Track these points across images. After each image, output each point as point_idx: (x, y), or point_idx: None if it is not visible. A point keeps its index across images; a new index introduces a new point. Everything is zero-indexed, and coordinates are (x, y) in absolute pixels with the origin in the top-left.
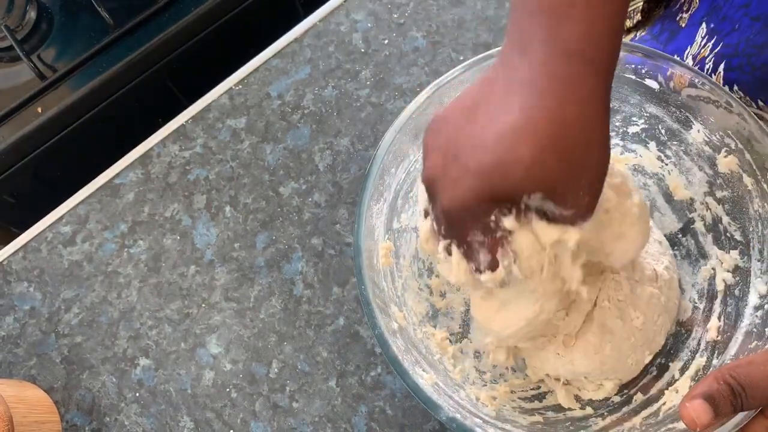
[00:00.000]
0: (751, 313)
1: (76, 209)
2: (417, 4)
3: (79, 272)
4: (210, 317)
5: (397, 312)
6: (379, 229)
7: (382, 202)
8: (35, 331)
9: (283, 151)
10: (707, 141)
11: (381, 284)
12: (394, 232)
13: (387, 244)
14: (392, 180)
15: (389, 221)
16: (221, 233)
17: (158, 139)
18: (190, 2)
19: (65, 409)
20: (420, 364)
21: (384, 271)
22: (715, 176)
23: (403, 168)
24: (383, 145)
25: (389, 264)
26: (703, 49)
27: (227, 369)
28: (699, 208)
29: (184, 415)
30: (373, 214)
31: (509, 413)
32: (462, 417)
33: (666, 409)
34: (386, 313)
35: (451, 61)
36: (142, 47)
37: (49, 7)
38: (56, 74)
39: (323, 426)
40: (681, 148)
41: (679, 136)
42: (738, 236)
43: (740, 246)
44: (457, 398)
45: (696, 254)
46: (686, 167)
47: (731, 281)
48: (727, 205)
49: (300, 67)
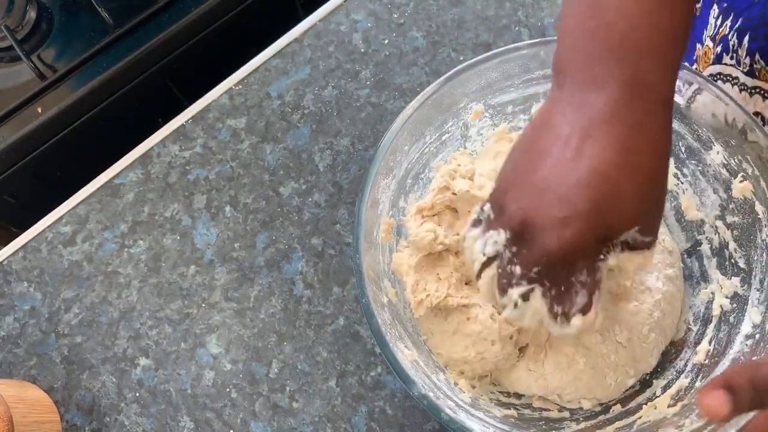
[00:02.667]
0: (741, 341)
1: (76, 209)
2: (417, 4)
3: (79, 272)
4: (210, 317)
5: (390, 287)
6: (384, 204)
7: (391, 177)
8: (35, 331)
9: (283, 151)
10: (725, 164)
11: (377, 257)
12: (399, 210)
13: (390, 220)
14: (404, 158)
15: (395, 198)
16: (221, 233)
17: (158, 139)
18: (190, 2)
19: (65, 409)
20: (403, 341)
21: (383, 245)
22: (729, 201)
23: (417, 148)
24: (399, 120)
25: (389, 240)
26: (721, 28)
27: (227, 369)
28: (708, 231)
29: (184, 415)
30: (380, 188)
31: (485, 403)
32: (435, 396)
33: (641, 423)
34: (378, 285)
35: (451, 61)
36: (142, 47)
37: (49, 7)
38: (56, 74)
39: (323, 426)
40: (698, 168)
41: (699, 156)
42: (742, 263)
43: (742, 273)
44: (435, 379)
45: (698, 276)
46: (701, 188)
47: (728, 307)
48: (736, 231)
49: (300, 67)
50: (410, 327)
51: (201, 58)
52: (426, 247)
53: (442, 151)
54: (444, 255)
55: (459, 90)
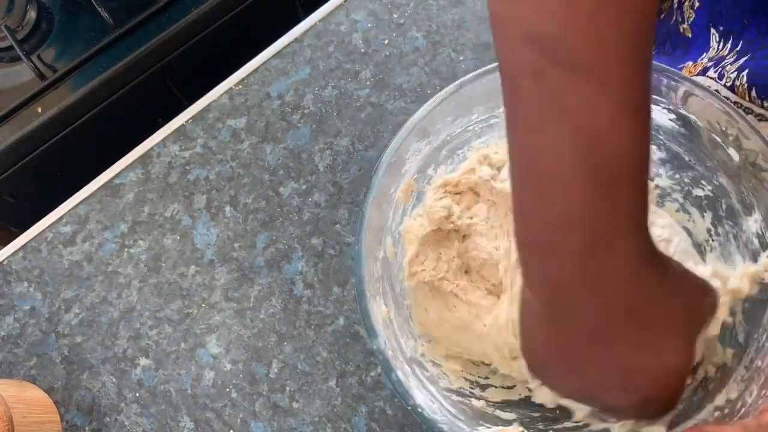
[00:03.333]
0: (710, 410)
1: (76, 209)
2: (417, 4)
3: (79, 272)
4: (210, 317)
5: (390, 245)
6: (410, 165)
7: (425, 142)
8: (35, 331)
9: (283, 151)
10: (759, 235)
11: (387, 212)
12: (425, 177)
13: (412, 182)
14: (445, 128)
15: (425, 164)
16: (221, 233)
17: (158, 139)
18: (190, 2)
19: (65, 409)
20: (384, 298)
21: (397, 204)
22: None
23: (461, 122)
24: (449, 88)
25: (405, 201)
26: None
27: (227, 369)
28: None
29: (184, 415)
30: (410, 149)
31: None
32: (393, 356)
33: None
34: (378, 238)
35: (451, 61)
36: (142, 47)
37: (49, 7)
38: (56, 74)
39: (323, 426)
40: (733, 231)
41: (737, 219)
42: (741, 338)
43: (737, 347)
44: (402, 342)
45: None
46: (729, 251)
47: (712, 375)
48: (747, 304)
49: (300, 67)
50: (398, 288)
51: (201, 58)
52: (437, 221)
53: (486, 134)
54: (452, 236)
55: None
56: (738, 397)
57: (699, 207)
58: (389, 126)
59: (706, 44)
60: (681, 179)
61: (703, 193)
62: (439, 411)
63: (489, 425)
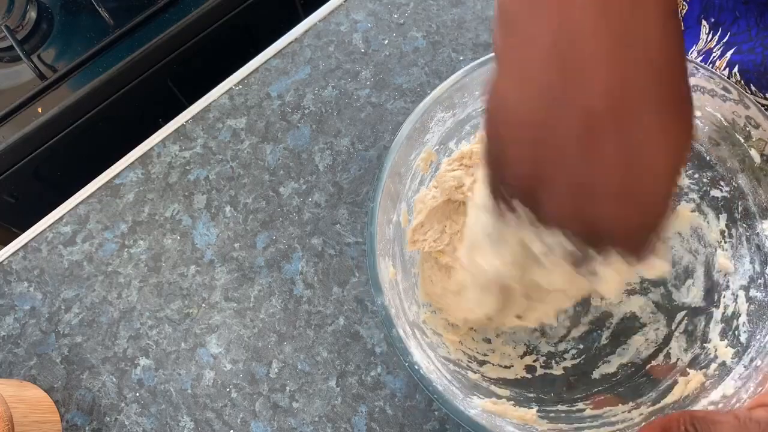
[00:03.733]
0: (705, 405)
1: (76, 209)
2: (417, 4)
3: (79, 272)
4: (210, 317)
5: (404, 210)
6: (433, 135)
7: (451, 114)
8: (35, 331)
9: (283, 151)
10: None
11: (405, 179)
12: (446, 149)
13: (432, 152)
14: (471, 101)
15: (447, 137)
16: (221, 233)
17: (158, 139)
18: (190, 2)
19: (65, 409)
20: (393, 260)
21: (415, 172)
22: (760, 275)
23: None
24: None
25: (424, 170)
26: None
27: (227, 369)
28: (727, 298)
29: (184, 415)
30: (435, 118)
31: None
32: (395, 314)
33: None
34: (393, 202)
35: (451, 61)
36: (142, 47)
37: (49, 7)
38: (56, 74)
39: (323, 426)
40: (746, 234)
41: (752, 222)
42: (743, 339)
43: (738, 347)
44: (406, 306)
45: (698, 336)
46: (740, 254)
47: (711, 373)
48: (753, 306)
49: (300, 67)
50: (407, 255)
51: (201, 58)
52: (447, 191)
53: None
54: (461, 210)
55: None
56: (734, 394)
57: (715, 208)
58: (389, 126)
59: (696, 37)
60: (700, 179)
61: (720, 195)
62: (435, 373)
63: (482, 396)
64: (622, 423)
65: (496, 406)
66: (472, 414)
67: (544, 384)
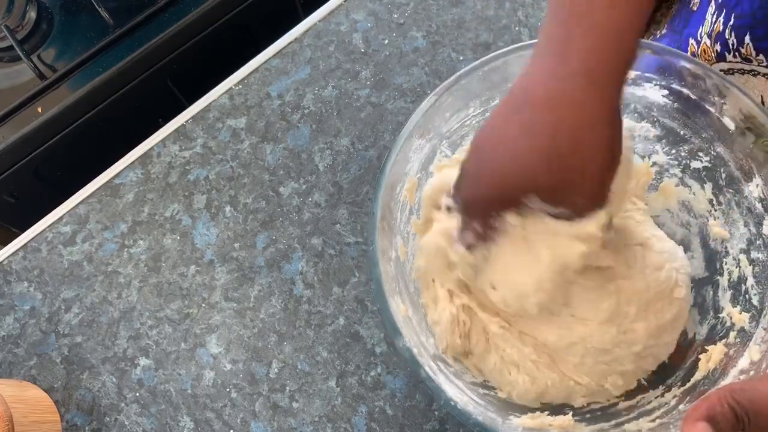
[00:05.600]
0: (735, 375)
1: (76, 209)
2: (417, 4)
3: (79, 272)
4: (210, 317)
5: (401, 245)
6: (413, 164)
7: (426, 139)
8: (35, 331)
9: (283, 151)
10: (762, 198)
11: (395, 213)
12: (427, 174)
13: (415, 179)
14: (443, 124)
15: (427, 161)
16: (221, 233)
17: (158, 139)
18: (190, 2)
19: (65, 409)
20: (401, 296)
21: (403, 203)
22: (757, 236)
23: (458, 118)
24: (445, 84)
25: (411, 200)
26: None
27: (227, 369)
28: (729, 264)
29: (184, 415)
30: (413, 146)
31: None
32: (418, 353)
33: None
34: (389, 239)
35: (451, 61)
36: (142, 47)
37: (49, 7)
38: (56, 74)
39: (323, 426)
40: (735, 199)
41: (737, 186)
42: (755, 301)
43: (753, 311)
44: (423, 340)
45: (709, 306)
46: (733, 219)
47: (732, 341)
48: (757, 268)
49: (300, 67)
50: (411, 288)
51: (201, 58)
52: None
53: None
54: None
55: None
56: (761, 358)
57: (698, 179)
58: (389, 126)
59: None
60: (678, 153)
61: (701, 165)
62: (470, 403)
63: (518, 414)
64: (659, 409)
65: (534, 420)
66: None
67: None
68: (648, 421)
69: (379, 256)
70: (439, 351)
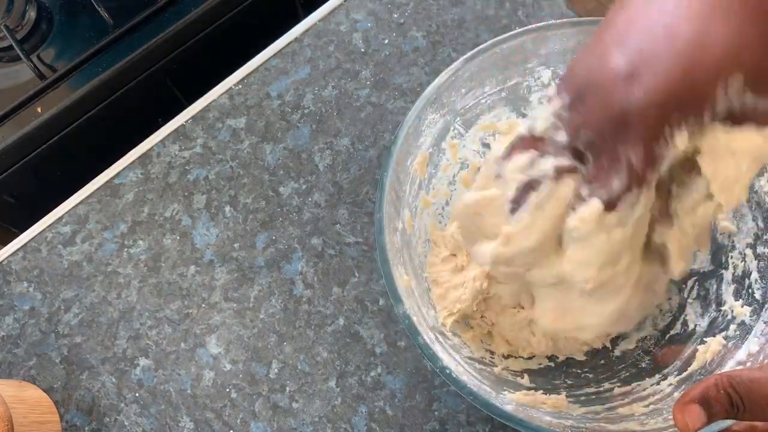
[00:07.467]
0: (732, 366)
1: (76, 209)
2: (417, 4)
3: (79, 272)
4: (210, 317)
5: (408, 217)
6: (426, 138)
7: (440, 114)
8: (35, 331)
9: (283, 151)
10: None
11: (405, 185)
12: (440, 150)
13: (426, 154)
14: (459, 100)
15: (440, 137)
16: (221, 233)
17: (158, 139)
18: (190, 2)
19: (65, 409)
20: (405, 267)
21: (413, 176)
22: (765, 231)
23: (473, 95)
24: (462, 59)
25: (422, 174)
26: None
27: (227, 369)
28: (735, 257)
29: (184, 415)
30: (426, 120)
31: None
32: (417, 322)
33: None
34: (397, 209)
35: (451, 61)
36: (142, 47)
37: (49, 7)
38: (56, 74)
39: (323, 426)
40: None
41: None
42: (758, 296)
43: (755, 305)
44: (424, 311)
45: (712, 299)
46: (741, 212)
47: (732, 334)
48: (762, 263)
49: (300, 67)
50: (416, 260)
51: (201, 58)
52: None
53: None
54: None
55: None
56: (759, 350)
57: None
58: (389, 126)
59: None
60: None
61: None
62: (466, 375)
63: (512, 390)
64: (653, 396)
65: (528, 397)
66: (509, 409)
67: (567, 369)
68: (642, 406)
69: (385, 223)
70: (439, 323)
